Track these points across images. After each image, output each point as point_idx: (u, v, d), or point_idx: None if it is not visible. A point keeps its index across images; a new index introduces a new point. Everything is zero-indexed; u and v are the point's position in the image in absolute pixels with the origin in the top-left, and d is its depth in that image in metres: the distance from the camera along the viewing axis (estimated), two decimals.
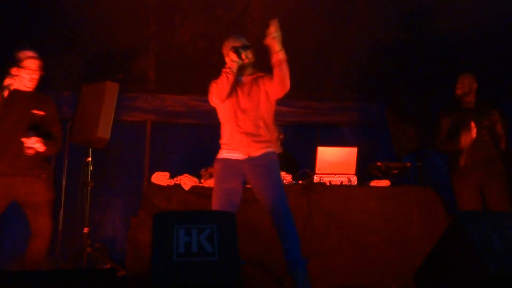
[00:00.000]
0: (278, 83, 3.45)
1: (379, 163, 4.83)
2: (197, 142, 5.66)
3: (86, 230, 4.38)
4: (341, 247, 4.32)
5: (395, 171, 4.83)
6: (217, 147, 5.50)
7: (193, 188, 4.32)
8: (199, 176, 4.48)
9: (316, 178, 4.58)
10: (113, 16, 4.88)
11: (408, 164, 4.89)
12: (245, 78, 3.64)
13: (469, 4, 4.79)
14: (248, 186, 3.64)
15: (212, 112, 5.82)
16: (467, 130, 4.32)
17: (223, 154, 3.60)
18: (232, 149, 3.55)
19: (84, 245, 4.33)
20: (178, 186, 4.32)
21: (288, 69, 3.43)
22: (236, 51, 3.50)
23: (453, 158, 4.52)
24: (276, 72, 3.42)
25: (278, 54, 3.38)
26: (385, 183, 4.68)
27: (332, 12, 5.03)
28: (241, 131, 3.52)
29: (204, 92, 5.78)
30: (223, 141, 3.64)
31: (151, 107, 5.77)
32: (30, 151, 3.73)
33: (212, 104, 3.66)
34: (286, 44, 5.16)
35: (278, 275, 4.05)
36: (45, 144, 3.79)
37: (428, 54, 5.40)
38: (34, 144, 3.73)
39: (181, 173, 4.42)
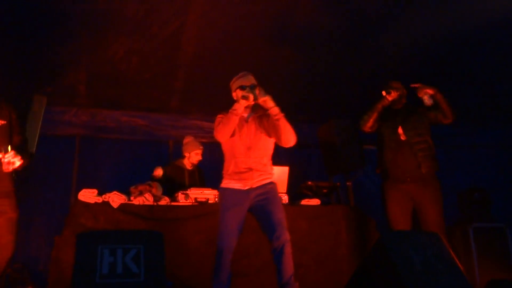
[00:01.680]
0: (282, 136, 3.59)
1: (310, 182, 4.89)
2: (128, 159, 5.52)
3: None
4: (270, 266, 4.27)
5: (325, 190, 4.91)
6: (148, 165, 5.49)
7: (122, 206, 4.17)
8: (128, 194, 4.34)
9: None
10: (44, 27, 4.67)
11: (338, 184, 4.98)
12: (251, 117, 3.72)
13: (407, 27, 4.93)
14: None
15: (144, 129, 5.78)
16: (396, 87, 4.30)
17: (228, 183, 3.65)
18: (236, 180, 3.61)
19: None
20: (106, 204, 4.16)
21: (288, 124, 3.59)
22: (248, 91, 3.55)
23: (384, 166, 4.36)
24: (278, 130, 3.57)
25: (273, 110, 3.55)
26: (315, 202, 4.73)
27: (268, 34, 5.07)
28: (245, 167, 3.61)
29: (137, 108, 5.79)
30: (227, 172, 3.68)
31: (81, 121, 5.58)
32: (9, 168, 3.33)
33: (217, 138, 3.67)
34: (221, 65, 5.21)
35: None
36: (21, 157, 3.39)
37: (360, 79, 5.54)
38: (12, 159, 3.32)
39: (110, 190, 4.27)
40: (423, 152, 4.19)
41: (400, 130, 4.24)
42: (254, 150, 3.63)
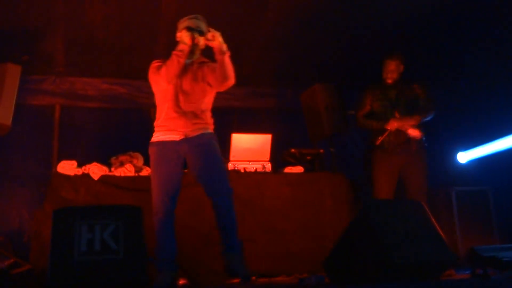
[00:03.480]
0: (222, 77, 3.32)
1: (293, 150, 4.82)
2: (109, 128, 5.37)
3: None
4: (255, 234, 4.27)
5: (308, 157, 4.85)
6: (129, 134, 5.36)
7: (103, 177, 4.07)
8: (109, 165, 4.23)
9: (230, 165, 4.49)
10: None
11: (322, 151, 4.91)
12: (192, 62, 3.46)
13: None
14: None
15: (125, 96, 5.61)
16: (397, 119, 4.30)
17: (158, 136, 3.36)
18: (168, 130, 3.33)
19: None
20: (86, 176, 4.06)
21: (231, 64, 3.33)
22: (192, 33, 3.28)
23: (373, 135, 4.42)
24: (219, 66, 3.30)
25: (222, 48, 3.27)
26: (298, 169, 4.68)
27: None
28: (179, 111, 3.32)
29: (116, 74, 5.59)
30: (158, 122, 3.39)
31: (60, 90, 5.36)
32: None
33: (154, 83, 3.40)
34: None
35: (192, 273, 3.94)
36: None
37: (344, 43, 5.39)
38: None
39: (90, 162, 4.16)
40: (414, 128, 4.27)
41: (396, 114, 4.30)
42: (191, 95, 3.36)
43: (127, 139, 5.13)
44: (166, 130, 3.34)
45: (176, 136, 3.31)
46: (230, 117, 5.70)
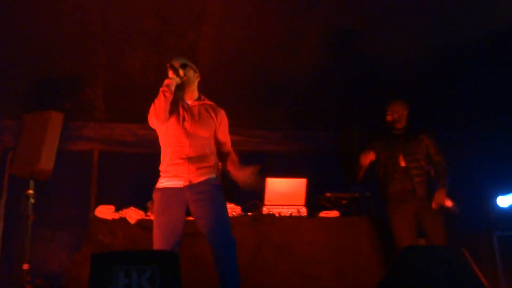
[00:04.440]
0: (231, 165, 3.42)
1: (328, 194, 4.77)
2: (146, 173, 5.43)
3: (25, 266, 4.14)
4: (290, 279, 4.21)
5: (344, 202, 4.78)
6: None
7: (139, 221, 4.12)
8: (145, 209, 4.28)
9: (265, 210, 4.48)
10: (61, 43, 4.67)
11: (357, 195, 4.85)
12: (192, 103, 3.41)
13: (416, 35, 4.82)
14: (190, 218, 3.39)
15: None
16: (366, 151, 4.40)
17: (162, 183, 3.31)
18: (172, 176, 3.26)
19: (24, 282, 4.06)
20: (123, 220, 4.12)
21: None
22: (173, 68, 3.31)
23: (383, 187, 4.45)
24: (227, 164, 3.42)
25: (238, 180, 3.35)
26: (334, 213, 4.62)
27: (282, 43, 4.98)
28: (183, 157, 3.24)
29: None
30: (162, 168, 3.35)
31: (99, 136, 5.55)
32: None
33: (152, 126, 3.37)
34: (236, 76, 5.14)
35: None
36: None
37: (377, 87, 5.41)
38: None
39: (127, 206, 4.22)
40: (419, 177, 4.29)
41: (401, 159, 4.33)
42: (195, 139, 3.27)
43: None
44: (170, 176, 3.28)
45: (179, 183, 3.24)
46: (264, 161, 5.72)
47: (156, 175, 5.44)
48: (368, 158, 4.38)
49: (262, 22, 4.69)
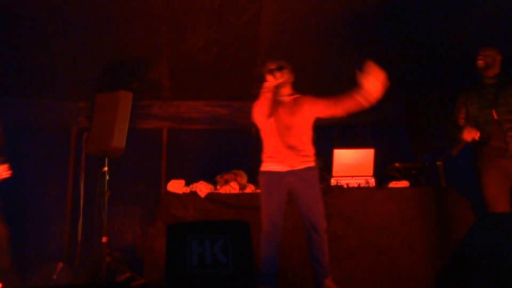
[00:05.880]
0: (344, 112, 3.70)
1: (397, 164, 4.70)
2: (213, 148, 5.59)
3: (104, 239, 4.35)
4: (360, 250, 4.22)
5: (413, 172, 4.69)
6: (232, 153, 5.54)
7: (209, 195, 4.25)
8: (214, 183, 4.40)
9: (333, 181, 4.48)
10: (125, 25, 4.81)
11: (427, 164, 4.74)
12: (286, 98, 3.78)
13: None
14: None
15: (227, 117, 5.83)
16: (471, 128, 4.00)
17: (267, 166, 3.69)
18: (276, 161, 3.65)
19: (103, 254, 4.28)
20: (194, 194, 4.26)
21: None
22: (271, 72, 3.62)
23: (477, 144, 4.06)
24: (353, 105, 3.61)
25: (373, 97, 3.56)
26: (403, 184, 4.55)
27: (346, 11, 4.88)
28: (285, 145, 3.64)
29: (218, 97, 5.83)
30: (266, 154, 3.73)
31: (166, 114, 5.71)
32: None
33: (256, 122, 3.78)
34: (299, 48, 5.11)
35: (296, 283, 3.96)
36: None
37: (448, 53, 5.20)
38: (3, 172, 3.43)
39: (197, 180, 4.36)
40: None
41: (494, 112, 3.96)
42: (292, 128, 3.66)
43: (230, 158, 5.32)
44: (273, 162, 3.67)
45: (283, 168, 3.62)
46: (331, 133, 5.69)
47: (222, 151, 5.64)
48: (472, 136, 4.00)
49: None
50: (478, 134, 3.98)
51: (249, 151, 5.36)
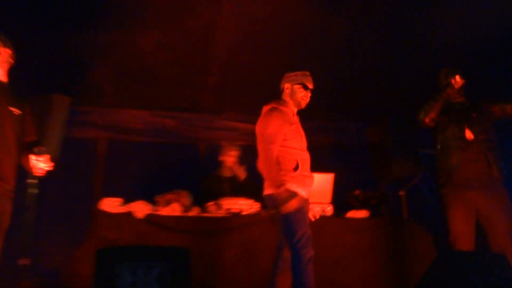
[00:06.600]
0: None
1: (357, 192, 4.75)
2: (156, 164, 5.53)
3: (24, 261, 4.19)
4: None
5: (374, 201, 4.76)
6: (178, 170, 5.49)
7: (148, 216, 4.17)
8: (155, 203, 4.34)
9: None
10: (66, 21, 4.73)
11: (389, 194, 4.83)
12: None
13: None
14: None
15: (174, 131, 5.79)
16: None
17: (296, 187, 3.54)
18: (302, 185, 3.58)
19: (20, 279, 4.13)
20: (130, 214, 4.17)
21: None
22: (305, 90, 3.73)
23: (444, 171, 4.18)
24: None
25: None
26: (363, 213, 4.61)
27: (310, 26, 4.97)
28: (308, 170, 3.69)
29: (165, 107, 5.78)
30: (292, 173, 3.56)
31: (106, 122, 5.64)
32: (42, 173, 3.53)
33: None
34: (259, 59, 5.14)
35: None
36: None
37: (412, 75, 5.36)
38: (46, 164, 3.49)
39: (135, 199, 4.27)
40: (492, 152, 4.05)
41: (466, 128, 4.08)
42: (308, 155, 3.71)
43: (174, 176, 5.26)
44: (300, 185, 3.58)
45: (306, 194, 3.63)
46: None
47: (165, 167, 5.59)
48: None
49: None
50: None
51: (196, 169, 5.34)
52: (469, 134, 4.08)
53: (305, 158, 3.67)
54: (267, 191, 3.59)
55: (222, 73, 5.44)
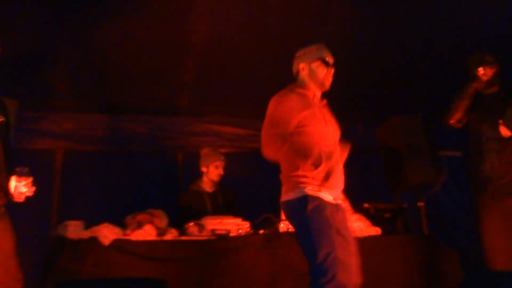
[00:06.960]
0: None
1: (366, 205, 4.76)
2: (123, 178, 5.51)
3: None
4: None
5: (387, 215, 4.77)
6: (151, 185, 5.46)
7: (115, 242, 4.14)
8: (124, 226, 4.32)
9: (282, 226, 4.47)
10: (13, 14, 4.70)
11: (405, 205, 4.84)
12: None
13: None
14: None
15: (145, 138, 5.77)
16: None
17: (318, 191, 3.25)
18: (328, 188, 3.30)
19: None
20: (94, 240, 4.14)
21: None
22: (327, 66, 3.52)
23: (480, 176, 4.18)
24: None
25: None
26: (374, 231, 4.60)
27: (308, 13, 5.01)
28: (337, 168, 3.40)
29: (133, 110, 5.76)
30: (313, 175, 3.29)
31: (62, 130, 5.60)
32: (21, 198, 3.52)
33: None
34: (242, 51, 5.14)
35: None
36: None
37: (427, 70, 5.42)
38: (28, 188, 3.49)
39: (100, 222, 4.25)
40: None
41: (501, 124, 4.05)
42: (337, 147, 3.45)
43: (147, 192, 5.24)
44: (326, 189, 3.32)
45: (334, 198, 3.36)
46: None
47: (135, 181, 5.56)
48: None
49: None
50: None
51: (172, 183, 5.32)
52: (505, 132, 4.06)
53: (330, 150, 3.35)
54: (283, 197, 3.36)
55: (200, 68, 5.44)
